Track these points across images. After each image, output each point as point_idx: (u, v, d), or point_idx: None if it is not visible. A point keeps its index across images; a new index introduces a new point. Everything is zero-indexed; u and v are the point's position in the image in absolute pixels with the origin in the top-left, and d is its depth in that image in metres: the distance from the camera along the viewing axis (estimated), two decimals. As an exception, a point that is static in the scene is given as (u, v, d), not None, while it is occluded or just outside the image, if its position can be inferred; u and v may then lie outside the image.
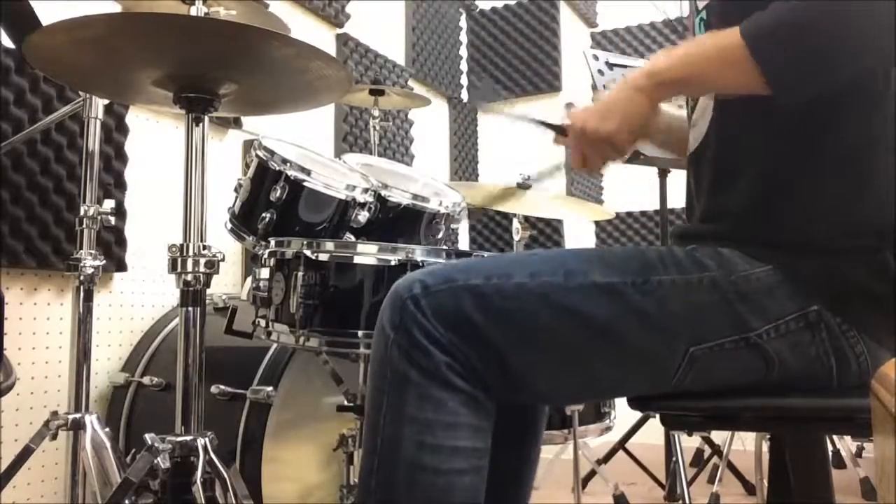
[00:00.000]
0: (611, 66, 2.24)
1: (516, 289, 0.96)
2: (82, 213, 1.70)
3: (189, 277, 1.39)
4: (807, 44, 0.89)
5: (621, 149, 1.04)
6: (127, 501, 1.33)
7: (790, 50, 0.90)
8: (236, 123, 2.58)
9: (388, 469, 0.93)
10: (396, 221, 1.67)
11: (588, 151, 1.05)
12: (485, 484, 0.96)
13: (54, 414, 1.65)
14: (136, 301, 2.33)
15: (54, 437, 1.64)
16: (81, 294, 1.70)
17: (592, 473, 2.85)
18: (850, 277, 0.95)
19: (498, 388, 0.96)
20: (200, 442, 1.37)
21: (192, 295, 1.40)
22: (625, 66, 2.27)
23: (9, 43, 1.80)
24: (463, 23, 4.36)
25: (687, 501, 2.47)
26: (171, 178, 2.21)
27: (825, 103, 0.96)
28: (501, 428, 1.00)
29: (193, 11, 1.51)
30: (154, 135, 2.42)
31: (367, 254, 1.39)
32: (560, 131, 1.20)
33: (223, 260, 1.43)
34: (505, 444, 1.03)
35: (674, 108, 1.31)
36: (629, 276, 0.95)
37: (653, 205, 3.34)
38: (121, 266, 2.23)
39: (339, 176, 1.64)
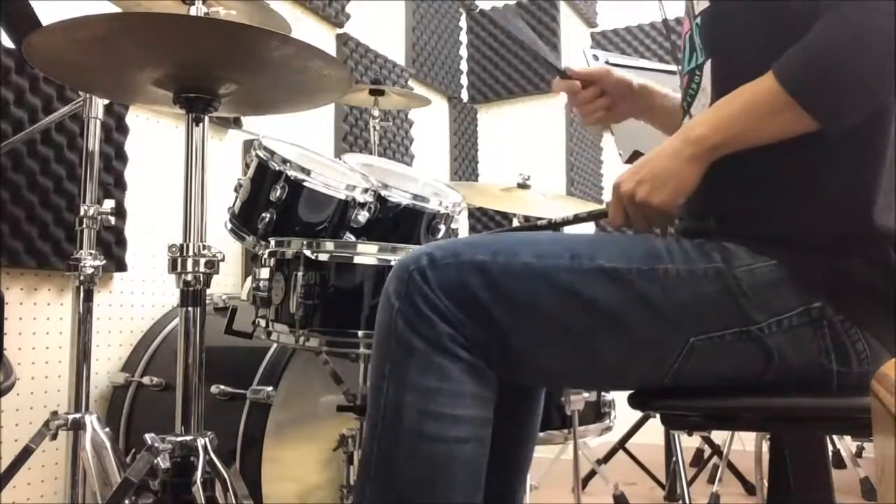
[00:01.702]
0: (611, 66, 2.23)
1: (522, 268, 0.96)
2: (82, 213, 1.70)
3: (189, 277, 1.39)
4: (842, 72, 0.90)
5: (671, 217, 1.04)
6: (127, 501, 1.33)
7: (828, 83, 0.90)
8: (236, 123, 2.58)
9: (389, 436, 0.94)
10: (396, 221, 1.67)
11: (634, 216, 1.03)
12: (487, 453, 0.97)
13: (54, 414, 1.65)
14: (136, 301, 2.33)
15: (54, 437, 1.64)
16: (81, 294, 1.70)
17: (592, 473, 2.85)
18: (855, 275, 0.95)
19: (498, 364, 0.96)
20: (200, 442, 1.36)
21: (192, 295, 1.40)
22: (625, 66, 2.27)
23: (9, 43, 1.80)
24: (463, 23, 4.36)
25: (687, 501, 2.47)
26: (171, 178, 2.22)
27: None
28: (499, 404, 1.00)
29: (193, 11, 1.51)
30: (154, 135, 2.42)
31: (367, 254, 1.39)
32: (564, 77, 1.23)
33: (223, 260, 1.43)
34: (502, 421, 1.03)
35: (669, 91, 1.32)
36: (635, 262, 0.96)
37: (653, 205, 3.33)
38: (121, 266, 2.23)
39: (339, 176, 1.64)
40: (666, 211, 1.00)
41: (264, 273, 1.46)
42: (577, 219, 1.25)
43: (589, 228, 4.35)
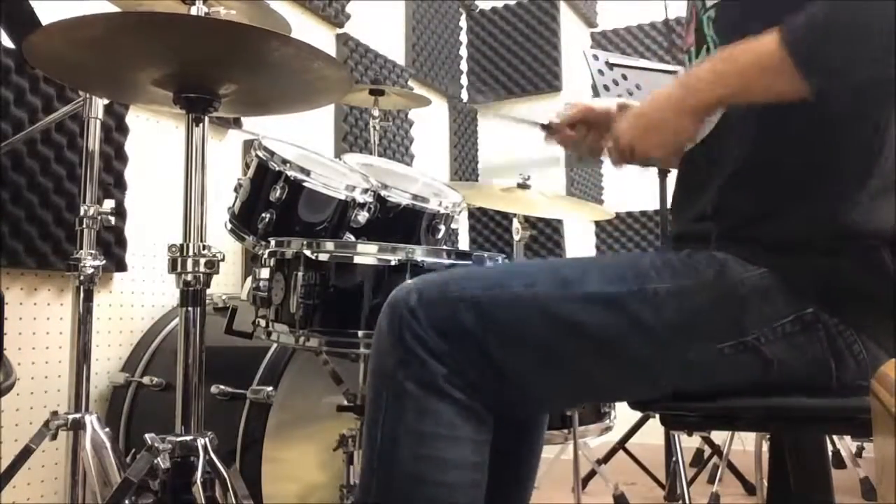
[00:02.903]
0: (611, 66, 2.23)
1: (512, 299, 0.96)
2: (82, 213, 1.70)
3: (189, 277, 1.39)
4: (840, 34, 0.87)
5: (658, 159, 1.05)
6: (127, 501, 1.33)
7: (826, 43, 0.88)
8: (236, 123, 2.59)
9: (385, 481, 0.94)
10: (396, 221, 1.67)
11: (630, 160, 1.05)
12: (483, 497, 0.96)
13: (54, 414, 1.65)
14: (136, 301, 2.33)
15: (54, 437, 1.64)
16: (81, 294, 1.70)
17: (592, 473, 2.85)
18: (846, 277, 0.95)
19: (495, 398, 0.96)
20: (200, 442, 1.36)
21: (192, 295, 1.40)
22: (625, 66, 2.27)
23: (9, 43, 1.80)
24: (463, 23, 4.36)
25: (687, 501, 2.47)
26: (171, 178, 2.21)
27: (822, 104, 0.96)
28: (502, 430, 1.00)
29: (193, 11, 1.51)
30: (154, 135, 2.42)
31: (367, 254, 1.39)
32: (550, 130, 1.25)
33: (223, 260, 1.43)
34: (505, 445, 1.03)
35: None
36: (625, 285, 0.95)
37: (653, 205, 3.34)
38: (121, 266, 2.23)
39: (338, 176, 1.64)
40: (661, 158, 1.03)
41: (264, 273, 1.46)
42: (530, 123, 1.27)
43: (590, 231, 4.36)
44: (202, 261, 1.39)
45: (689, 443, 3.01)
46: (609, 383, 0.99)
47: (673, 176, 2.71)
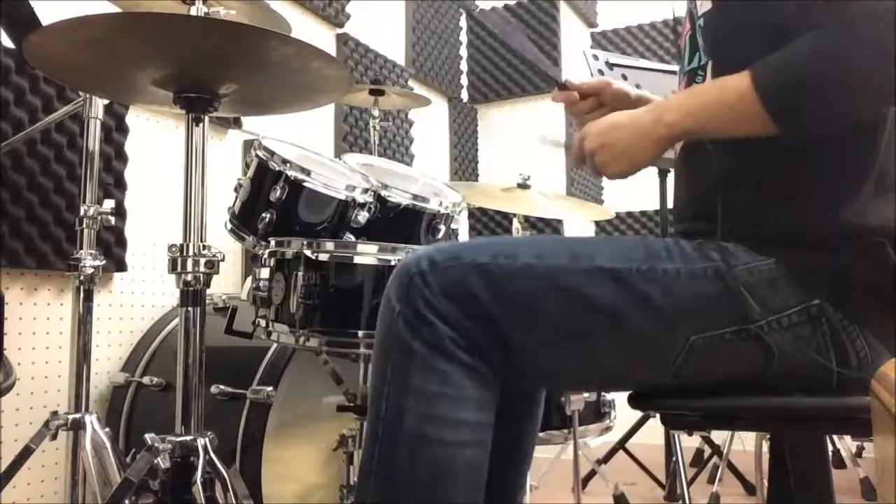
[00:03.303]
0: (611, 66, 2.23)
1: (522, 269, 0.97)
2: (82, 213, 1.70)
3: (189, 277, 1.39)
4: (816, 89, 0.92)
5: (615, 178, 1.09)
6: (127, 501, 1.33)
7: (798, 97, 0.93)
8: (236, 123, 2.58)
9: (390, 439, 0.94)
10: (396, 221, 1.67)
11: (588, 165, 1.08)
12: (488, 457, 0.97)
13: (54, 414, 1.65)
14: (136, 301, 2.33)
15: (54, 437, 1.63)
16: (81, 294, 1.70)
17: (592, 473, 2.85)
18: (853, 273, 0.95)
19: (500, 365, 0.96)
20: (200, 442, 1.37)
21: (192, 295, 1.40)
22: (625, 67, 2.27)
23: (9, 43, 1.80)
24: (463, 23, 4.36)
25: (687, 501, 2.47)
26: (171, 178, 2.22)
27: None
28: (500, 405, 1.00)
29: (193, 11, 1.51)
30: (154, 135, 2.42)
31: (367, 254, 1.39)
32: (561, 87, 1.26)
33: (223, 260, 1.43)
34: (502, 421, 1.03)
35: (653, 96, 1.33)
36: (635, 262, 0.96)
37: (653, 205, 3.33)
38: (121, 266, 2.23)
39: (338, 176, 1.64)
40: (617, 177, 1.06)
41: (264, 273, 1.46)
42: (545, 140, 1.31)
43: (589, 231, 4.36)
44: (202, 261, 1.39)
45: (689, 443, 3.01)
46: (611, 359, 0.99)
47: (672, 177, 2.71)
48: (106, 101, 1.84)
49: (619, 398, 1.35)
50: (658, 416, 1.06)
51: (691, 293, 0.95)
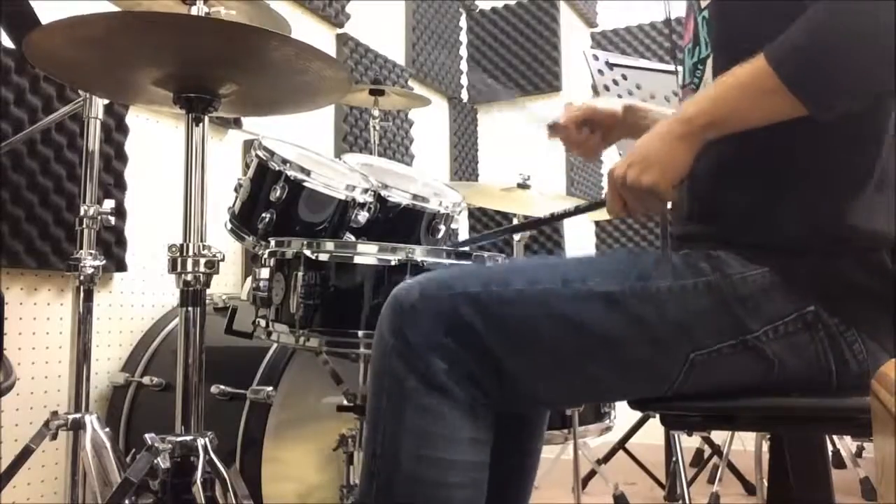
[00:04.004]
0: (611, 66, 2.23)
1: (514, 296, 0.96)
2: (82, 213, 1.70)
3: (189, 277, 1.39)
4: (834, 57, 0.88)
5: (664, 198, 1.01)
6: (127, 501, 1.33)
7: (819, 68, 0.88)
8: (236, 123, 2.59)
9: (386, 480, 0.94)
10: (396, 221, 1.66)
11: (629, 200, 1.02)
12: (484, 497, 0.97)
13: (54, 414, 1.65)
14: (136, 301, 2.33)
15: (54, 437, 1.64)
16: (81, 294, 1.70)
17: (592, 473, 2.85)
18: (847, 277, 0.95)
19: (496, 395, 0.96)
20: (200, 442, 1.36)
21: (192, 295, 1.40)
22: (625, 66, 2.27)
23: (9, 43, 1.80)
24: (463, 23, 4.36)
25: (687, 501, 2.47)
26: (171, 178, 2.21)
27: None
28: (503, 425, 1.00)
29: (193, 11, 1.51)
30: (154, 135, 2.42)
31: (367, 254, 1.39)
32: (554, 129, 1.23)
33: (223, 260, 1.43)
34: (506, 442, 1.03)
35: (660, 108, 1.32)
36: (626, 283, 0.96)
37: (653, 205, 3.33)
38: (121, 266, 2.23)
39: (338, 176, 1.64)
40: (657, 192, 0.97)
41: (264, 273, 1.46)
42: (578, 210, 1.24)
43: (590, 231, 4.36)
44: (202, 261, 1.39)
45: (689, 443, 3.01)
46: (609, 381, 0.99)
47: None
48: (106, 101, 1.84)
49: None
50: (658, 416, 1.06)
51: (686, 309, 0.95)
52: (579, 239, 4.32)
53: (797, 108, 0.89)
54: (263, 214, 1.57)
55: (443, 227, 1.72)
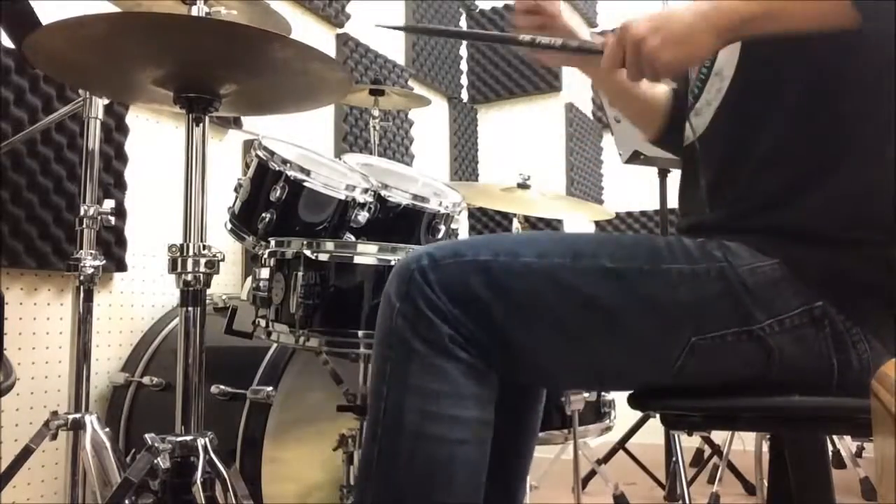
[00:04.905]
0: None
1: (524, 267, 0.96)
2: (82, 213, 1.70)
3: (189, 277, 1.39)
4: None
5: (664, 75, 0.97)
6: (127, 501, 1.33)
7: None
8: (236, 123, 2.59)
9: (390, 437, 0.94)
10: (396, 221, 1.66)
11: (632, 62, 0.97)
12: (488, 455, 0.97)
13: (54, 414, 1.65)
14: (136, 301, 2.33)
15: (54, 437, 1.63)
16: (81, 294, 1.70)
17: (592, 473, 2.85)
18: (857, 274, 0.95)
19: (499, 364, 0.96)
20: (200, 442, 1.36)
21: (192, 295, 1.40)
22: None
23: (9, 43, 1.80)
24: (463, 23, 4.36)
25: (687, 501, 2.47)
26: (171, 178, 2.21)
27: (837, 95, 0.96)
28: (500, 402, 1.00)
29: (194, 11, 1.51)
30: (154, 135, 2.42)
31: (367, 254, 1.39)
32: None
33: (223, 260, 1.43)
34: (503, 418, 1.03)
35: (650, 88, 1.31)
36: (638, 261, 0.96)
37: (653, 205, 3.34)
38: (121, 266, 2.23)
39: (338, 176, 1.64)
40: (670, 71, 0.94)
41: (264, 273, 1.46)
42: (565, 48, 1.14)
43: (589, 231, 4.36)
44: (202, 261, 1.40)
45: (689, 443, 3.01)
46: (611, 359, 0.99)
47: (673, 176, 2.72)
48: (106, 101, 1.84)
49: (619, 398, 1.35)
50: (658, 416, 1.06)
51: (694, 293, 0.95)
52: (579, 239, 4.31)
53: (845, 13, 0.85)
54: (263, 214, 1.57)
55: (443, 227, 1.72)
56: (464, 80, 4.34)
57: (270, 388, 1.76)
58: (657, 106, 1.28)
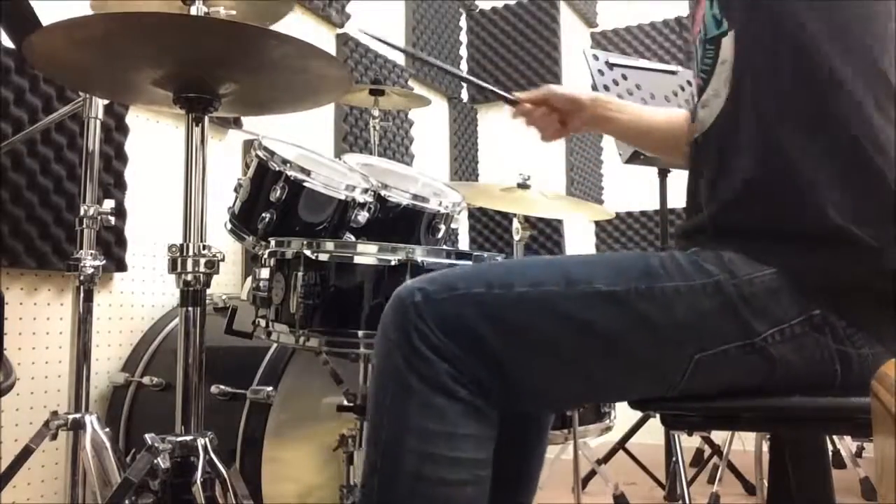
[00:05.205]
0: (611, 66, 2.24)
1: (518, 298, 0.95)
2: (82, 213, 1.70)
3: (189, 277, 1.39)
4: None
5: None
6: (127, 501, 1.33)
7: None
8: (236, 123, 2.58)
9: (389, 478, 0.93)
10: (396, 221, 1.66)
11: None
12: (487, 495, 0.96)
13: (54, 414, 1.65)
14: (136, 301, 2.33)
15: (54, 437, 1.63)
16: (81, 294, 1.70)
17: (592, 473, 2.85)
18: (854, 278, 0.94)
19: (499, 396, 0.95)
20: (200, 442, 1.36)
21: (192, 295, 1.40)
22: (625, 66, 2.27)
23: (9, 43, 1.80)
24: (463, 23, 4.36)
25: (687, 501, 2.47)
26: (171, 178, 2.22)
27: (837, 97, 0.96)
28: (506, 427, 1.00)
29: (193, 11, 1.51)
30: (154, 135, 2.42)
31: (367, 254, 1.39)
32: (512, 103, 1.34)
33: (223, 260, 1.43)
34: (510, 444, 1.03)
35: (638, 108, 1.35)
36: (632, 283, 0.95)
37: (653, 205, 3.34)
38: (121, 266, 2.23)
39: (338, 176, 1.64)
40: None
41: (264, 273, 1.46)
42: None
43: (589, 231, 4.35)
44: (202, 261, 1.39)
45: (689, 443, 3.01)
46: (614, 382, 0.99)
47: (673, 176, 2.71)
48: (106, 101, 1.84)
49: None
50: (658, 416, 1.06)
51: (692, 310, 0.94)
52: (579, 239, 4.32)
53: None
54: (263, 214, 1.57)
55: (443, 227, 1.72)
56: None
57: (270, 388, 1.76)
58: (676, 131, 1.30)
